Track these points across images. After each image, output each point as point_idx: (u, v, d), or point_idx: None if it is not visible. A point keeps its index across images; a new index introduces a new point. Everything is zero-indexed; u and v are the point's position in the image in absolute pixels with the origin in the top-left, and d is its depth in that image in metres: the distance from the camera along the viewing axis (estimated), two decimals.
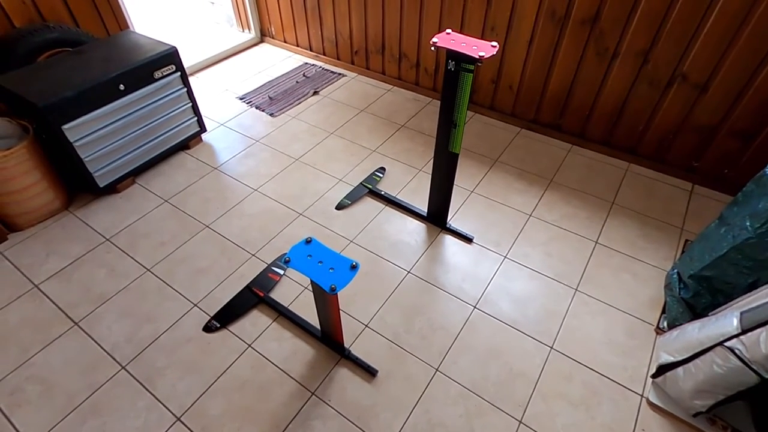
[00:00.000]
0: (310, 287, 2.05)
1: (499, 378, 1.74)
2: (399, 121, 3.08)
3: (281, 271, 2.10)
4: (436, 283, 2.07)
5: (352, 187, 2.56)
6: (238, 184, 2.59)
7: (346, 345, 1.82)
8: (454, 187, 2.50)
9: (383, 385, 1.71)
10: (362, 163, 2.74)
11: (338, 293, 1.43)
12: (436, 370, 1.76)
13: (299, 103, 3.26)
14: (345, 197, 2.49)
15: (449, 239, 2.28)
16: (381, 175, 2.63)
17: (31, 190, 2.22)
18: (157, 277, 2.09)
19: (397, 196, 2.49)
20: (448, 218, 2.34)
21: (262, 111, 3.18)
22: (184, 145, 2.81)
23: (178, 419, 1.62)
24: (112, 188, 2.50)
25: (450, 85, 1.77)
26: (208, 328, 1.88)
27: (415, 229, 2.34)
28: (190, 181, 2.61)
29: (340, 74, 3.59)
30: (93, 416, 1.62)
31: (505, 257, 2.19)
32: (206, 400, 1.67)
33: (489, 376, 1.74)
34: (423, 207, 2.41)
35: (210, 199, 2.50)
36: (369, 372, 1.74)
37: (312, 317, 1.91)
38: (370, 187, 2.52)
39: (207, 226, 2.34)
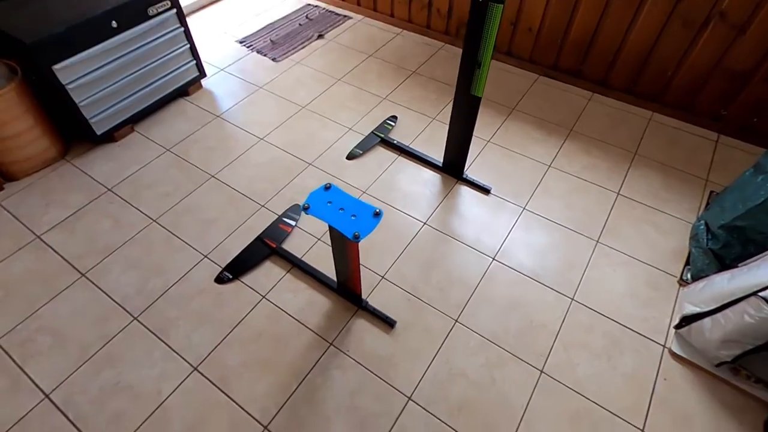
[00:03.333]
0: (323, 239, 1.99)
1: (520, 329, 1.71)
2: (410, 67, 2.91)
3: (293, 222, 2.03)
4: (453, 235, 2.01)
5: (363, 137, 2.44)
6: (242, 132, 2.47)
7: (363, 297, 1.77)
8: None
9: (402, 336, 1.68)
10: (372, 112, 2.60)
11: (360, 242, 1.36)
12: (455, 321, 1.73)
13: (303, 48, 3.06)
14: (356, 147, 2.37)
15: (466, 190, 2.20)
16: (393, 124, 2.50)
17: (25, 136, 2.09)
18: (163, 227, 2.01)
19: (410, 146, 2.38)
20: (465, 169, 2.24)
21: (264, 55, 2.99)
22: (184, 92, 2.65)
23: (195, 369, 1.59)
24: (110, 136, 2.37)
25: (476, 19, 1.62)
26: (220, 280, 1.83)
27: (430, 179, 2.25)
28: (192, 129, 2.48)
29: (345, 16, 3.36)
30: (108, 366, 1.59)
31: (524, 209, 2.12)
32: (222, 350, 1.64)
33: (509, 328, 1.71)
34: (438, 157, 2.31)
35: (214, 148, 2.38)
36: (387, 323, 1.70)
37: (327, 268, 1.86)
38: (382, 136, 2.41)
39: (212, 176, 2.24)
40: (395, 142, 2.38)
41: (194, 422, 1.47)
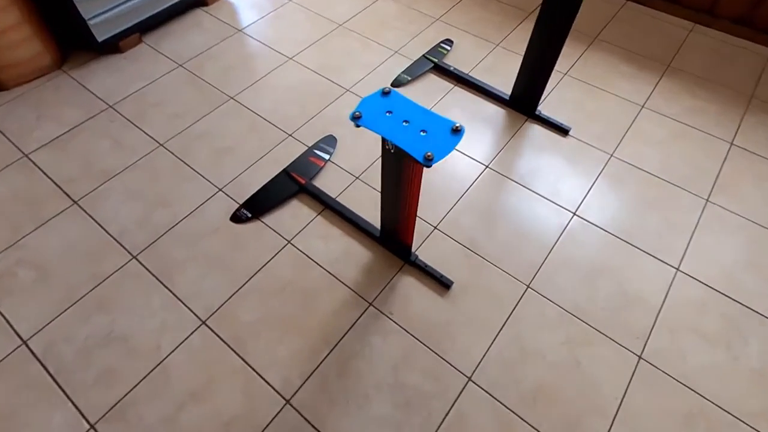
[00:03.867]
0: (364, 177, 1.62)
1: (610, 302, 1.35)
2: None
3: (326, 156, 1.66)
4: (523, 182, 1.62)
5: (411, 61, 2.02)
6: (267, 50, 2.07)
7: (412, 249, 1.43)
8: None
9: (459, 301, 1.34)
10: (423, 34, 2.16)
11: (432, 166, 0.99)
12: (527, 286, 1.38)
13: None
14: (403, 72, 1.96)
15: (539, 130, 1.78)
16: (448, 48, 2.06)
17: (12, 35, 1.74)
18: (172, 153, 1.68)
19: (469, 74, 1.96)
20: (538, 105, 1.82)
21: None
22: (201, 0, 2.25)
23: (203, 323, 1.29)
24: (114, 46, 2.00)
25: None
26: (236, 218, 1.50)
27: (494, 115, 1.83)
28: (209, 43, 2.09)
29: None
30: (99, 311, 1.30)
31: (612, 155, 1.70)
32: (237, 302, 1.33)
33: (596, 299, 1.35)
34: (504, 89, 1.88)
35: (234, 66, 1.99)
36: (441, 283, 1.36)
37: (366, 213, 1.51)
38: (435, 61, 1.98)
39: (231, 98, 1.87)
40: (451, 68, 1.95)
41: (199, 387, 1.18)
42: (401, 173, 1.06)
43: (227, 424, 1.13)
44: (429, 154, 0.88)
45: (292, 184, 1.57)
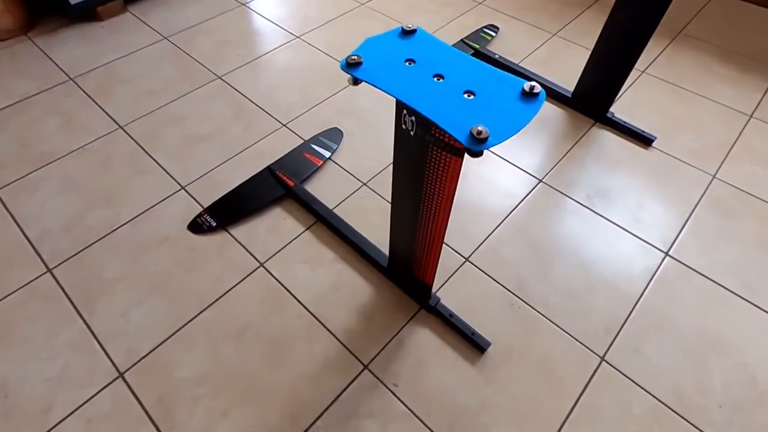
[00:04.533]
0: (373, 183, 1.21)
1: (730, 394, 0.88)
2: None
3: (326, 153, 1.26)
4: (591, 205, 1.18)
5: (449, 45, 1.62)
6: (272, 26, 1.71)
7: (432, 290, 1.00)
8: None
9: (498, 373, 0.90)
10: (461, 18, 1.77)
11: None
12: (602, 359, 0.92)
13: None
14: None
15: (611, 138, 1.34)
16: (492, 35, 1.66)
17: None
18: (131, 138, 1.31)
19: (520, 64, 1.54)
20: (610, 106, 1.39)
21: None
22: None
23: (121, 375, 0.88)
24: (92, 13, 1.68)
25: None
26: (196, 226, 1.11)
27: (551, 116, 1.41)
28: (205, 16, 1.75)
29: None
30: None
31: (714, 177, 1.25)
32: (173, 348, 0.92)
33: (709, 387, 0.89)
34: (564, 85, 1.46)
35: (230, 42, 1.64)
36: (473, 343, 0.92)
37: (372, 233, 1.09)
38: (477, 47, 1.58)
39: (219, 77, 1.50)
40: (496, 56, 1.54)
41: None
42: (424, 171, 0.64)
43: None
44: (480, 128, 0.47)
45: (277, 187, 1.17)
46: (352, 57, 0.55)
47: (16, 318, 0.96)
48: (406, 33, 0.59)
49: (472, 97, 0.52)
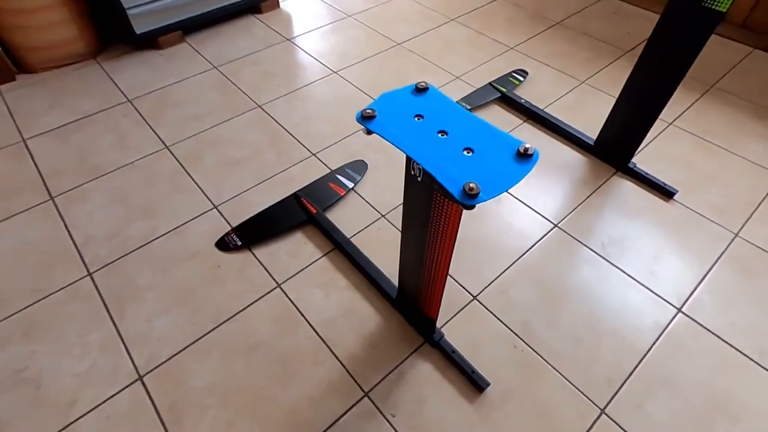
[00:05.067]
0: (391, 216, 1.27)
1: None
2: (553, 17, 2.10)
3: (349, 184, 1.34)
4: (605, 254, 1.19)
5: (475, 88, 1.69)
6: (313, 61, 1.83)
7: (437, 324, 1.03)
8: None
9: (496, 413, 0.91)
10: (492, 62, 1.84)
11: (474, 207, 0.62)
12: (602, 411, 0.92)
13: None
14: (462, 99, 1.63)
15: (631, 188, 1.35)
16: (521, 79, 1.72)
17: (45, 15, 1.63)
18: (175, 158, 1.43)
19: (545, 110, 1.58)
20: (632, 157, 1.40)
21: None
22: (255, 7, 2.10)
23: (140, 378, 0.96)
24: (154, 41, 1.86)
25: None
26: (223, 244, 1.19)
27: (572, 162, 1.43)
28: (253, 49, 1.90)
29: None
30: (23, 338, 1.01)
31: (737, 235, 1.23)
32: (191, 357, 0.99)
33: None
34: (588, 132, 1.49)
35: (273, 74, 1.77)
36: (473, 382, 0.94)
37: (386, 264, 1.14)
38: (504, 90, 1.63)
39: (259, 106, 1.62)
40: (522, 101, 1.59)
41: None
42: (429, 213, 0.69)
43: None
44: (472, 185, 0.51)
45: (300, 213, 1.24)
46: (367, 111, 0.61)
47: (56, 315, 1.05)
48: (419, 90, 0.66)
49: (470, 154, 0.57)
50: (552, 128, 1.52)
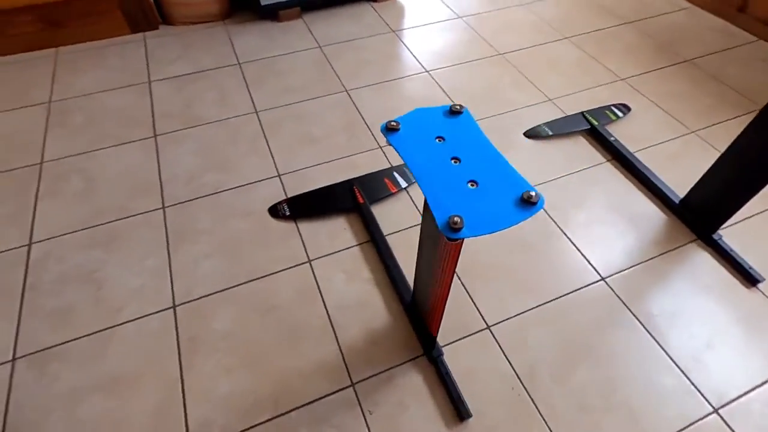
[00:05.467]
0: None
1: None
2: (683, 53, 1.88)
3: (403, 183, 1.36)
4: (651, 326, 1.08)
5: (564, 115, 1.59)
6: (409, 57, 1.87)
7: (439, 341, 1.03)
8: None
9: None
10: (595, 90, 1.71)
11: (462, 241, 0.62)
12: None
13: None
14: (546, 123, 1.55)
15: (709, 261, 1.20)
16: (619, 115, 1.58)
17: None
18: (260, 123, 1.57)
19: (635, 153, 1.45)
20: (720, 226, 1.23)
21: None
22: None
23: (173, 307, 1.10)
24: (275, 14, 2.03)
25: None
26: (275, 211, 1.30)
27: (648, 216, 1.30)
28: (359, 35, 1.98)
29: None
30: (102, 247, 1.21)
31: None
32: (218, 301, 1.11)
33: None
34: (676, 189, 1.33)
35: (369, 62, 1.84)
36: (457, 408, 0.93)
37: (410, 268, 1.16)
38: (595, 123, 1.52)
39: (346, 90, 1.70)
40: (612, 138, 1.47)
41: (122, 379, 0.98)
42: (435, 235, 0.69)
43: None
44: (456, 219, 0.52)
45: (349, 199, 1.30)
46: (392, 123, 0.63)
47: (130, 235, 1.24)
48: (453, 113, 0.66)
49: (474, 186, 0.57)
50: (636, 174, 1.39)
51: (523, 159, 1.46)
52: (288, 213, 1.28)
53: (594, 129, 1.51)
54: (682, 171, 1.41)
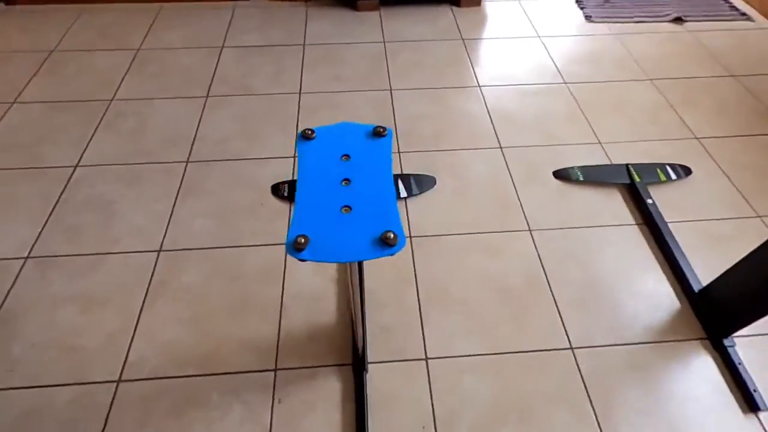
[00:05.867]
0: (419, 238, 1.25)
1: None
2: None
3: (403, 193, 1.34)
4: (602, 417, 0.96)
5: (607, 163, 1.44)
6: (467, 68, 1.81)
7: (373, 357, 1.02)
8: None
9: None
10: (658, 143, 1.52)
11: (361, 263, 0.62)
12: None
13: (643, 22, 2.05)
14: (580, 167, 1.42)
15: (709, 366, 1.03)
16: (674, 177, 1.39)
17: None
18: (298, 105, 1.64)
19: (671, 223, 1.27)
20: (735, 331, 1.04)
21: (582, 8, 2.13)
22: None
23: (158, 251, 1.22)
24: (354, 2, 2.09)
25: None
26: (276, 189, 1.36)
27: (657, 296, 1.15)
28: (426, 37, 1.96)
29: (742, 14, 2.10)
30: (125, 183, 1.37)
31: None
32: (197, 258, 1.20)
33: None
34: (702, 276, 1.15)
35: (424, 66, 1.82)
36: (358, 427, 0.92)
37: (376, 282, 1.15)
38: (637, 179, 1.36)
39: (389, 89, 1.71)
40: (649, 201, 1.30)
41: (94, 301, 1.12)
42: None
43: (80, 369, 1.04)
44: (302, 240, 0.51)
45: None
46: (308, 131, 0.64)
47: (151, 178, 1.39)
48: (376, 134, 0.64)
49: (347, 212, 0.55)
50: (662, 247, 1.22)
51: (540, 198, 1.35)
52: (285, 194, 1.34)
53: (633, 185, 1.35)
54: (724, 259, 1.20)
